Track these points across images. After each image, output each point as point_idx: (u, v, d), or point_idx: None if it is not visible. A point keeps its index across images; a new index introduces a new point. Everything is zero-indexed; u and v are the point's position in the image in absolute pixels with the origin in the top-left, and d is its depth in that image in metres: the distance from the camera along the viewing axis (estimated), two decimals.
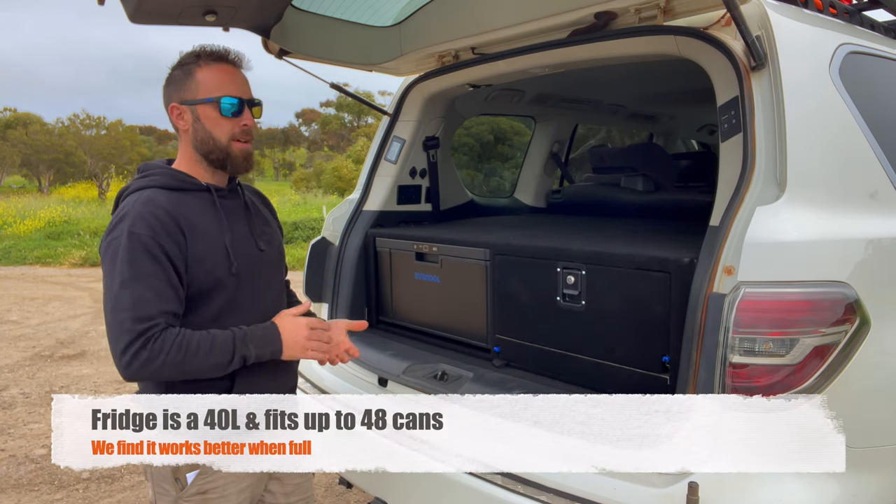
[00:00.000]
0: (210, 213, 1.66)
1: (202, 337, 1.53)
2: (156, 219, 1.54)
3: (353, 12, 2.80)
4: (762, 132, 1.76)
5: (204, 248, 1.60)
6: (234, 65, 1.70)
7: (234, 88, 1.67)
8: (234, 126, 1.66)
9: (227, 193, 1.75)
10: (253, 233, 1.76)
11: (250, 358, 1.58)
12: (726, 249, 1.66)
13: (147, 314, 1.48)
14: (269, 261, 1.78)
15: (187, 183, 1.67)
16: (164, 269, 1.52)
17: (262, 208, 1.89)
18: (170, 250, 1.53)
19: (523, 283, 2.43)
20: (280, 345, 1.63)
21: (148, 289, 1.50)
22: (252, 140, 1.72)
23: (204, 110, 1.65)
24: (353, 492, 3.35)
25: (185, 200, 1.63)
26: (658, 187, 4.09)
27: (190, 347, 1.50)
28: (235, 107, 1.65)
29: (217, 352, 1.53)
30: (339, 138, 55.19)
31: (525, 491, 1.78)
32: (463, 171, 8.65)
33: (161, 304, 1.50)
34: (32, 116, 44.35)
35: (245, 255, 1.69)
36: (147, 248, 1.51)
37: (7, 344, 6.71)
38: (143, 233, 1.51)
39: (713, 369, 1.61)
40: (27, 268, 12.62)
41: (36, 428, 4.48)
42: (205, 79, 1.65)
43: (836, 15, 2.30)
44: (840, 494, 1.58)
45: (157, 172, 1.68)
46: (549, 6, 2.36)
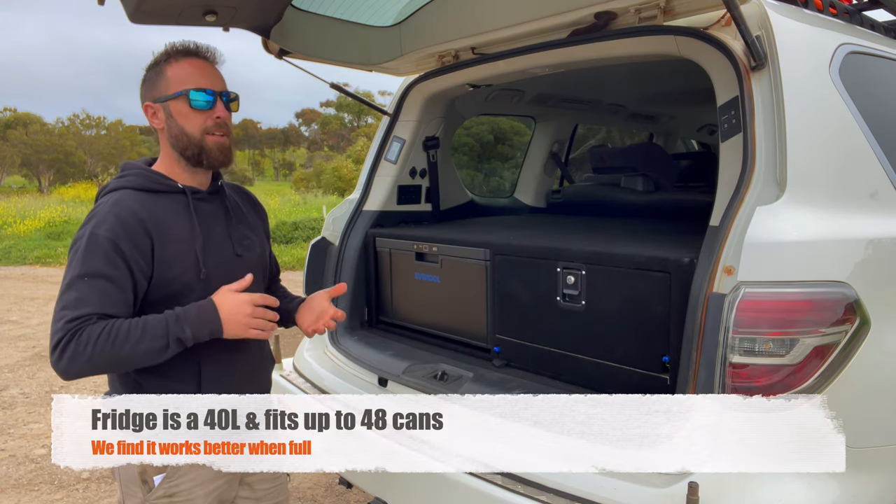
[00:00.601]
0: (184, 216, 1.63)
1: (133, 324, 1.47)
2: (119, 221, 1.52)
3: (353, 12, 2.80)
4: (762, 132, 1.76)
5: (172, 252, 1.58)
6: (203, 58, 1.68)
7: (204, 81, 1.64)
8: (206, 119, 1.63)
9: (207, 196, 1.71)
10: (231, 237, 1.72)
11: (187, 340, 1.50)
12: (726, 249, 1.66)
13: (83, 313, 1.45)
14: (246, 266, 1.71)
15: (162, 185, 1.64)
16: (117, 271, 1.49)
17: (247, 211, 1.85)
18: (128, 254, 1.50)
19: (523, 283, 2.43)
20: (219, 324, 1.53)
21: (93, 289, 1.47)
22: (228, 134, 1.68)
23: (175, 105, 1.63)
24: (353, 492, 3.35)
25: (159, 202, 1.61)
26: (658, 187, 4.09)
27: (118, 336, 1.44)
28: (205, 99, 1.63)
29: (148, 337, 1.46)
30: (339, 138, 55.21)
31: (525, 491, 1.78)
32: (463, 171, 8.65)
33: (102, 305, 1.47)
34: (32, 116, 44.40)
35: (219, 260, 1.66)
36: (104, 249, 1.49)
37: (7, 344, 6.71)
38: (102, 234, 1.50)
39: (713, 369, 1.61)
40: (27, 268, 12.61)
41: (36, 428, 4.48)
42: (174, 74, 1.64)
43: (836, 15, 2.30)
44: (840, 494, 1.58)
45: (133, 173, 1.66)
46: (549, 6, 2.36)
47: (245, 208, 1.86)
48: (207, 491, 1.67)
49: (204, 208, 1.69)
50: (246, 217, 1.83)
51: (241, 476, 1.79)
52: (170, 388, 1.59)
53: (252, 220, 1.86)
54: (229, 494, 1.76)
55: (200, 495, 1.66)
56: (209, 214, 1.70)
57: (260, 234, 1.86)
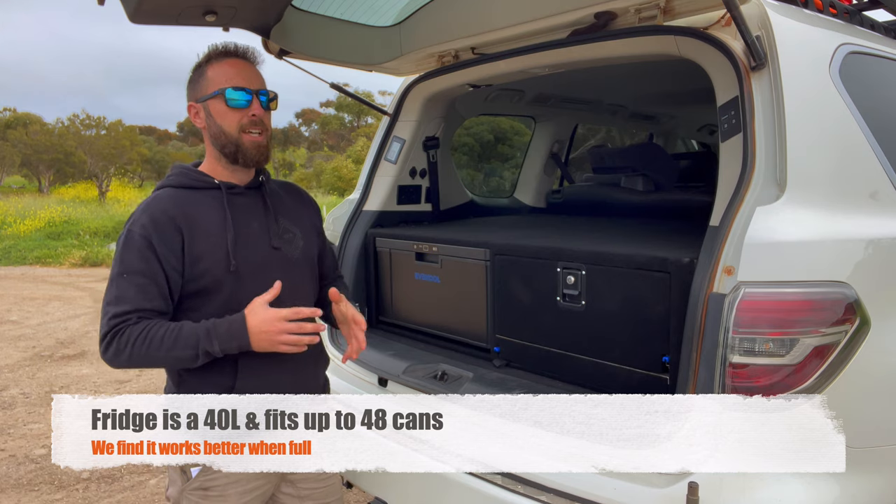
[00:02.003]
0: (217, 211, 1.68)
1: (169, 330, 1.54)
2: (152, 219, 1.59)
3: (353, 12, 2.80)
4: (762, 132, 1.76)
5: (203, 247, 1.62)
6: (241, 58, 1.72)
7: (240, 80, 1.68)
8: (241, 117, 1.68)
9: (245, 191, 1.75)
10: (270, 231, 1.74)
11: (215, 353, 1.55)
12: (726, 249, 1.65)
13: (124, 309, 1.54)
14: (285, 260, 1.75)
15: (199, 181, 1.71)
16: (151, 267, 1.56)
17: (292, 206, 1.86)
18: (160, 250, 1.57)
19: (523, 283, 2.43)
20: (246, 339, 1.56)
21: (131, 285, 1.56)
22: (265, 132, 1.72)
23: (213, 104, 1.69)
24: (353, 492, 3.35)
25: (195, 199, 1.67)
26: (658, 187, 4.09)
27: (153, 341, 1.52)
28: (240, 97, 1.67)
29: (181, 346, 1.53)
30: (339, 138, 55.19)
31: (525, 491, 1.78)
32: (463, 171, 8.65)
33: (141, 301, 1.55)
34: (32, 116, 44.35)
35: (253, 253, 1.69)
36: (138, 246, 1.57)
37: (7, 344, 6.70)
38: (137, 231, 1.58)
39: (713, 369, 1.61)
40: (27, 268, 12.61)
41: (36, 428, 4.48)
42: (213, 74, 1.69)
43: (836, 15, 2.30)
44: (840, 494, 1.58)
45: (175, 172, 1.74)
46: (549, 6, 2.36)
47: (291, 203, 1.87)
48: (243, 490, 1.70)
49: (240, 203, 1.73)
50: (290, 211, 1.84)
51: (283, 475, 1.81)
52: (208, 380, 1.63)
53: (298, 214, 1.87)
54: (268, 494, 1.80)
55: (234, 493, 1.69)
56: (245, 208, 1.73)
57: (307, 229, 1.86)
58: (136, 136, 41.61)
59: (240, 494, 1.71)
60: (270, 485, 1.79)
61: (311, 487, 1.87)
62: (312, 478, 1.86)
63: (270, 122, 1.75)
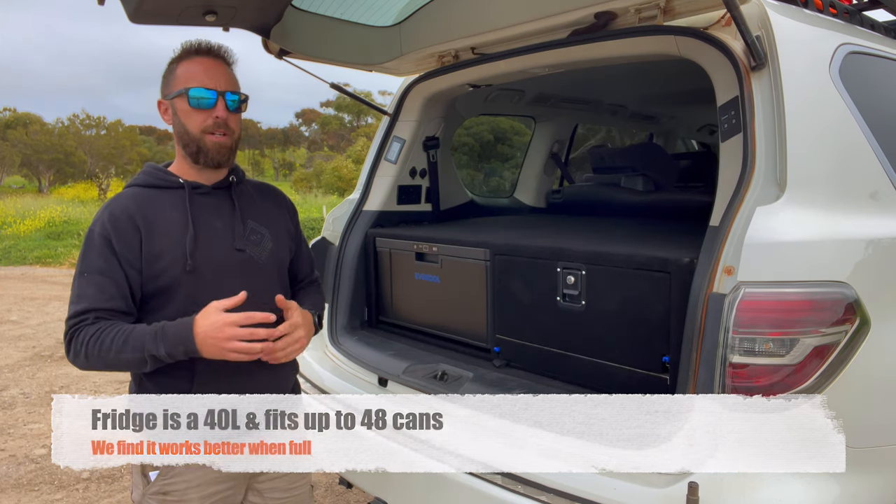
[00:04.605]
0: (179, 210, 1.64)
1: (120, 331, 1.51)
2: (111, 217, 1.59)
3: (353, 12, 2.80)
4: (762, 132, 1.76)
5: (162, 246, 1.59)
6: (212, 56, 1.67)
7: (206, 80, 1.63)
8: (205, 118, 1.63)
9: (211, 190, 1.70)
10: (234, 232, 1.69)
11: (162, 357, 1.49)
12: (726, 249, 1.65)
13: (82, 308, 1.55)
14: (251, 262, 1.68)
15: (164, 181, 1.68)
16: (110, 266, 1.56)
17: (263, 207, 1.80)
18: (119, 248, 1.56)
19: (523, 283, 2.43)
20: (193, 344, 1.48)
21: (91, 284, 1.56)
22: (229, 134, 1.66)
23: (178, 103, 1.65)
24: (353, 492, 3.35)
25: (158, 197, 1.65)
26: (658, 187, 4.09)
27: (104, 342, 1.50)
28: (204, 97, 1.62)
29: (129, 348, 1.49)
30: (339, 138, 55.19)
31: (525, 491, 1.78)
32: (463, 171, 8.66)
33: (99, 300, 1.55)
34: (32, 116, 44.39)
35: (213, 254, 1.63)
36: (98, 245, 1.57)
37: (7, 344, 6.70)
38: (97, 230, 1.58)
39: (713, 369, 1.61)
40: (27, 268, 12.61)
41: (36, 428, 4.48)
42: (181, 73, 1.66)
43: (836, 15, 2.30)
44: (840, 494, 1.58)
45: (143, 171, 1.72)
46: (549, 6, 2.36)
47: (263, 205, 1.81)
48: (205, 494, 1.66)
49: (205, 202, 1.68)
50: (261, 213, 1.78)
51: (249, 482, 1.76)
52: (165, 384, 1.61)
53: (270, 216, 1.80)
54: (235, 500, 1.74)
55: (195, 498, 1.65)
56: (210, 209, 1.68)
57: (278, 232, 1.80)
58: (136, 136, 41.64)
59: (201, 499, 1.65)
60: (235, 491, 1.72)
61: (278, 497, 1.80)
62: (281, 487, 1.80)
63: (238, 123, 1.70)
